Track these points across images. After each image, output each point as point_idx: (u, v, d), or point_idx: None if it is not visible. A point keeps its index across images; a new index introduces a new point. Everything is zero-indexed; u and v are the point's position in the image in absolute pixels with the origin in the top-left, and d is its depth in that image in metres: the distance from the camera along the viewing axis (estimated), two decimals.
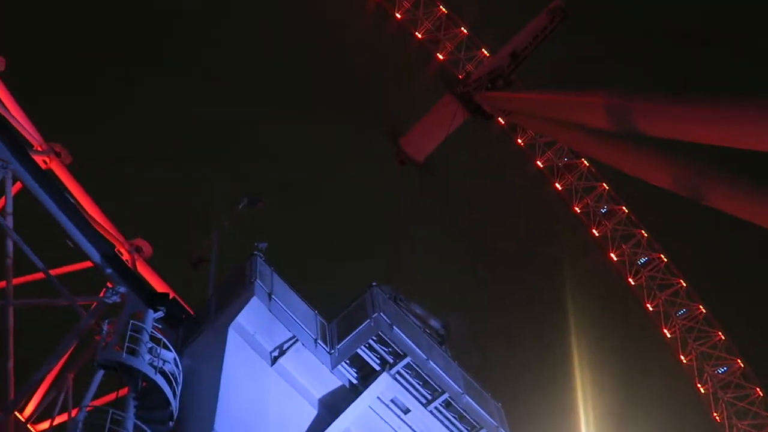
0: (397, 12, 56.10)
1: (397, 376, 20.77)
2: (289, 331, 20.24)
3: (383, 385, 20.61)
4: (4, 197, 20.72)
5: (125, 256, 24.13)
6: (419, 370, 20.80)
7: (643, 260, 57.58)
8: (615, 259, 58.13)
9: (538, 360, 46.60)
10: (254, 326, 20.13)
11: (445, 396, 20.81)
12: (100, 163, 34.50)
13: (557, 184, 58.47)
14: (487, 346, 41.50)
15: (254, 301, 19.76)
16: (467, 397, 21.14)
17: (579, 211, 58.43)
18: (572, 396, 46.02)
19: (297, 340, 20.21)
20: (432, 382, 20.87)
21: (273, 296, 20.31)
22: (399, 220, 46.54)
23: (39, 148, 23.60)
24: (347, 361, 20.83)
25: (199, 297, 23.04)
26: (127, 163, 38.19)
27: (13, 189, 20.68)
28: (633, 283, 57.90)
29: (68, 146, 24.53)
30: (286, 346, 20.27)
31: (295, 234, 38.95)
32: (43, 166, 22.81)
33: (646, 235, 57.52)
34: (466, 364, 22.27)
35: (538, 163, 58.24)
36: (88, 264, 21.73)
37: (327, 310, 22.20)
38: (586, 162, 57.50)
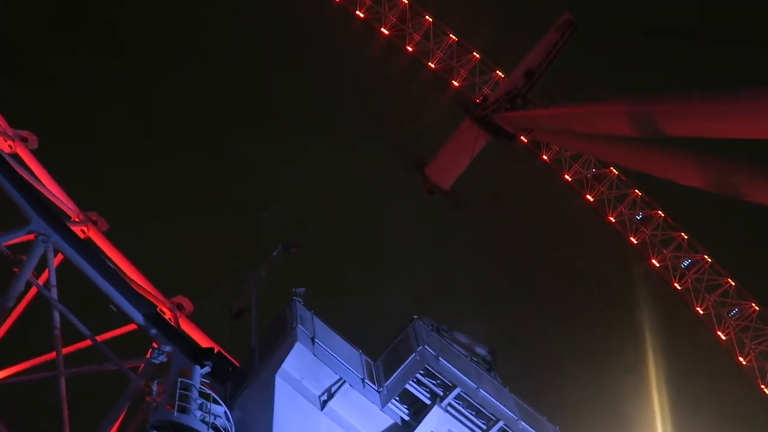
0: (408, 45, 56.90)
1: (449, 408, 20.47)
2: (336, 373, 20.15)
3: (436, 419, 20.34)
4: (47, 270, 21.23)
5: (167, 315, 24.42)
6: (471, 400, 20.47)
7: (686, 263, 56.37)
8: (657, 265, 56.98)
9: (587, 378, 45.40)
10: (300, 372, 20.10)
11: (501, 424, 20.40)
12: (128, 219, 34.96)
13: (588, 196, 57.88)
14: (533, 369, 40.69)
15: (298, 347, 19.74)
16: (523, 423, 20.69)
17: (614, 220, 57.66)
18: (627, 410, 44.74)
19: (344, 381, 20.11)
20: (485, 411, 20.50)
21: (316, 340, 20.27)
22: (428, 247, 46.31)
23: (76, 219, 24.18)
24: (397, 398, 20.62)
25: (244, 347, 23.14)
26: (156, 219, 38.72)
27: (55, 261, 21.19)
28: (679, 287, 56.60)
29: (92, 204, 24.95)
30: (334, 389, 20.18)
31: (319, 265, 38.87)
32: (82, 236, 23.35)
33: (686, 237, 56.40)
34: (516, 389, 21.88)
35: (566, 176, 57.80)
36: (132, 327, 22.04)
37: (366, 343, 22.13)
38: (615, 170, 56.92)
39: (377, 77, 52.97)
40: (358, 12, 55.90)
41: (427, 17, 55.99)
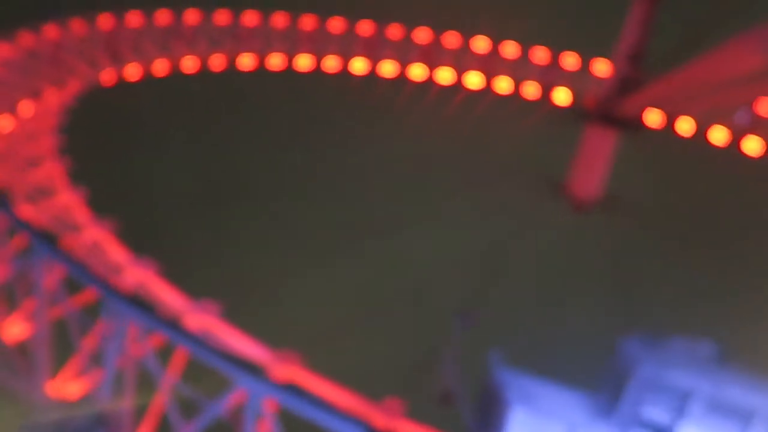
0: (489, 79, 56.65)
1: (698, 419, 18.85)
2: (564, 423, 19.37)
3: None
4: (262, 419, 22.32)
5: (382, 422, 24.61)
6: (718, 403, 18.78)
7: None
8: None
9: None
10: None
11: (761, 416, 18.42)
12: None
13: (757, 148, 52.73)
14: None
15: (516, 411, 19.27)
16: None
17: None
18: None
19: (576, 427, 19.28)
20: (739, 409, 18.66)
21: (530, 398, 19.69)
22: (615, 265, 43.71)
23: (275, 366, 25.03)
24: (638, 426, 19.36)
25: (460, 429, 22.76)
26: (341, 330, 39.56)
27: (268, 407, 22.28)
28: None
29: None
30: None
31: (505, 318, 37.73)
32: (283, 378, 24.36)
33: None
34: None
35: (721, 138, 53.40)
36: None
37: (581, 378, 21.10)
38: None
39: (470, 126, 52.66)
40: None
41: (505, 48, 55.72)
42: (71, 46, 44.11)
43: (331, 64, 54.84)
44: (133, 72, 47.80)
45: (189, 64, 50.60)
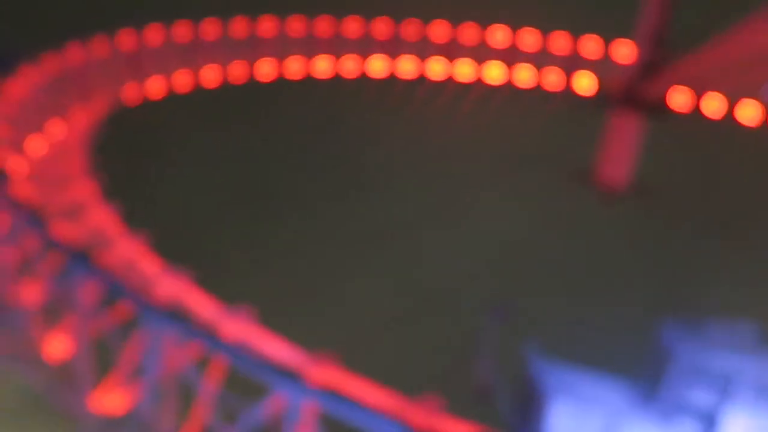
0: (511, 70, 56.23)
1: (743, 403, 18.49)
2: (606, 411, 19.14)
3: (735, 418, 18.41)
4: (304, 424, 22.41)
5: (422, 420, 24.55)
6: (763, 385, 18.40)
7: None
8: None
9: None
10: (569, 425, 19.27)
11: None
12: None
13: None
14: None
15: (556, 402, 19.12)
16: None
17: None
18: None
19: (617, 414, 19.02)
20: None
21: (570, 387, 19.53)
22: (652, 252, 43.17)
23: (313, 369, 25.09)
24: (681, 413, 19.02)
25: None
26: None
27: (307, 411, 22.37)
28: None
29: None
30: (611, 427, 19.08)
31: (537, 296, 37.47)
32: (320, 381, 24.44)
33: None
34: None
35: (752, 117, 52.28)
36: None
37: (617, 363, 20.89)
38: None
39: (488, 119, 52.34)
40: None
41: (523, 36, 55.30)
42: (95, 64, 44.94)
43: (349, 64, 55.03)
44: (156, 85, 48.54)
45: (210, 74, 51.22)
